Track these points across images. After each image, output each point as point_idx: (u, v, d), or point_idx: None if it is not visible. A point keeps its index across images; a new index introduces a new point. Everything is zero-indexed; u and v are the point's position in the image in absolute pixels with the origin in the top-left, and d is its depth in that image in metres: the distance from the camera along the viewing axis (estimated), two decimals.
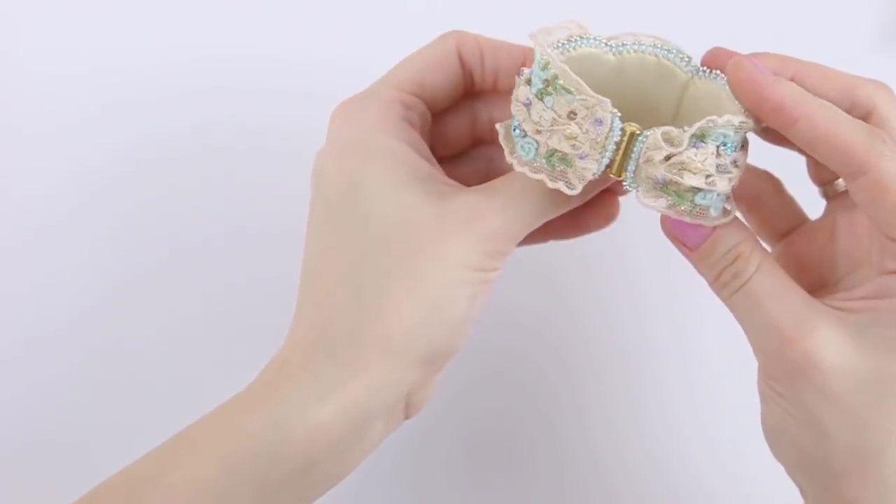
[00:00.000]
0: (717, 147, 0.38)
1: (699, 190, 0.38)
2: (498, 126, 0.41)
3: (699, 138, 0.38)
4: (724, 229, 0.40)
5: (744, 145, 0.40)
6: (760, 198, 0.49)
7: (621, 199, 0.46)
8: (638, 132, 0.38)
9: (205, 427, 0.39)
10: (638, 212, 0.41)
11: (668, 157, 0.38)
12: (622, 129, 0.38)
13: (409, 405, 0.42)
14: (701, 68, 0.41)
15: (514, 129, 0.40)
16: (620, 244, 0.58)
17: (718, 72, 0.40)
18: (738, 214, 0.41)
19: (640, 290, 0.58)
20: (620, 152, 0.38)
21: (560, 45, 0.40)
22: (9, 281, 0.56)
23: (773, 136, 0.44)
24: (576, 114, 0.38)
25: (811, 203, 0.47)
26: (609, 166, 0.38)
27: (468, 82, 0.45)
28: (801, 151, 0.45)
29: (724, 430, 0.58)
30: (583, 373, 0.59)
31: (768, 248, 0.46)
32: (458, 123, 0.48)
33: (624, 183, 0.39)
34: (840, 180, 0.45)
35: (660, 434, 0.58)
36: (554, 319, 0.58)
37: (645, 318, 0.59)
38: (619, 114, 0.37)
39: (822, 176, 0.46)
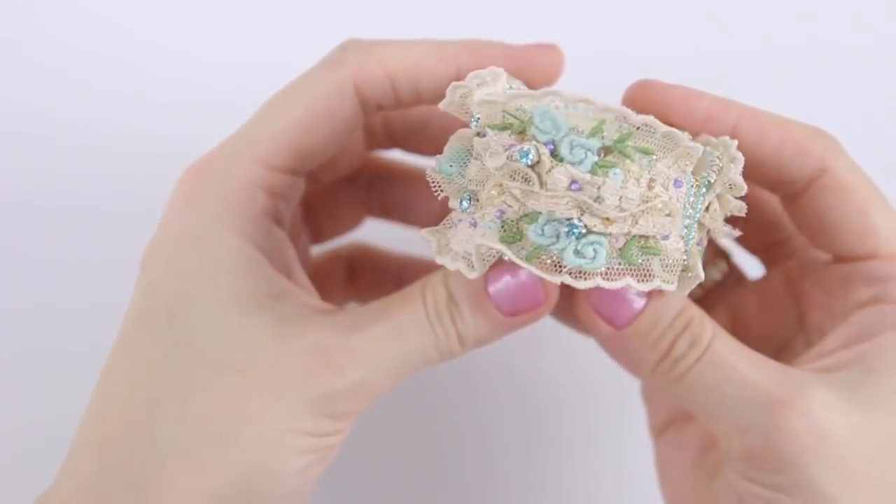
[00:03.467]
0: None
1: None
2: (441, 258, 0.30)
3: None
4: (663, 294, 0.32)
5: None
6: None
7: None
8: (698, 179, 0.31)
9: None
10: None
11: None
12: (693, 183, 0.30)
13: None
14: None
15: (563, 232, 0.28)
16: None
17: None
18: None
19: None
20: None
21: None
22: None
23: None
24: (655, 180, 0.29)
25: None
26: None
27: (370, 112, 0.35)
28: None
29: None
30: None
31: None
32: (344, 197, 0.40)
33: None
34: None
35: None
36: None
37: None
38: None
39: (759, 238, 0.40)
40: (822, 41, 0.51)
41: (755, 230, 0.39)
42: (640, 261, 0.29)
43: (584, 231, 0.28)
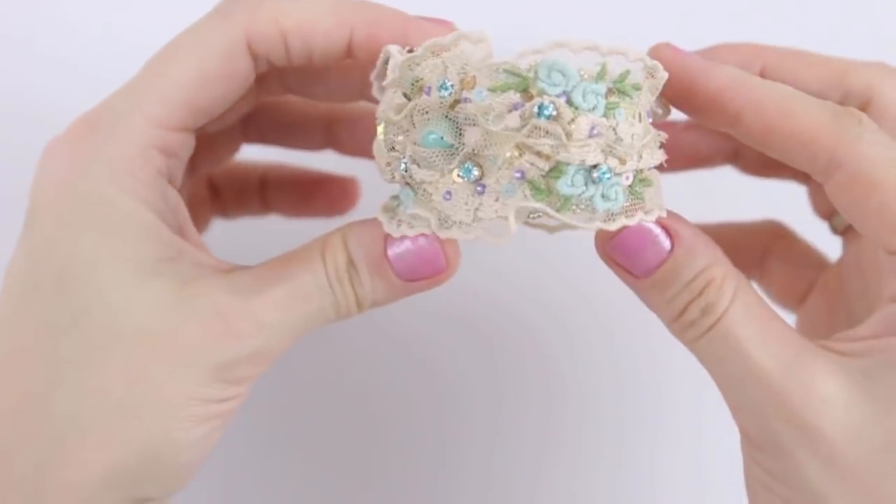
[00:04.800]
0: None
1: None
2: (447, 232, 0.30)
3: None
4: (687, 249, 0.30)
5: None
6: (769, 258, 0.40)
7: None
8: None
9: None
10: None
11: None
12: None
13: None
14: None
15: (592, 179, 0.29)
16: None
17: None
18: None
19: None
20: None
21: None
22: None
23: (751, 164, 0.39)
24: (641, 113, 0.29)
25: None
26: None
27: (260, 68, 0.34)
28: (798, 178, 0.39)
29: None
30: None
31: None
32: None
33: None
34: None
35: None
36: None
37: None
38: None
39: (824, 205, 0.39)
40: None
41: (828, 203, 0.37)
42: (642, 194, 0.30)
43: (608, 173, 0.28)
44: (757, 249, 0.41)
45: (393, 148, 0.30)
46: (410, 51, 0.31)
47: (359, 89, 0.38)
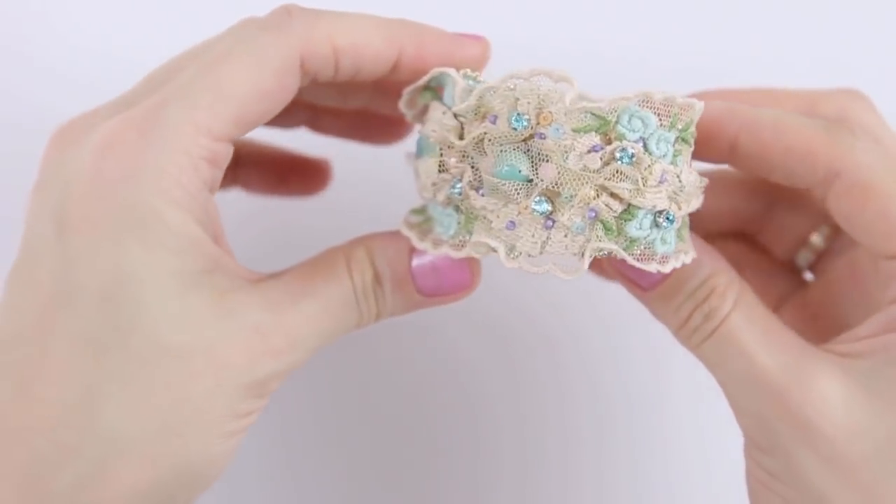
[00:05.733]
0: None
1: None
2: (515, 263, 0.30)
3: None
4: (692, 259, 0.32)
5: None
6: (743, 269, 0.41)
7: None
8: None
9: None
10: None
11: None
12: None
13: None
14: None
15: (659, 223, 0.30)
16: None
17: None
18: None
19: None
20: None
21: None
22: None
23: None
24: (690, 161, 0.31)
25: None
26: None
27: (304, 83, 0.34)
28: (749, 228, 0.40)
29: None
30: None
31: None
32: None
33: None
34: (813, 237, 0.38)
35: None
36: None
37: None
38: None
39: (786, 243, 0.40)
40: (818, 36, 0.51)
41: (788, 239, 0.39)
42: (683, 236, 0.31)
43: (670, 220, 0.29)
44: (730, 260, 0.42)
45: (445, 170, 0.30)
46: (459, 71, 0.31)
47: (369, 97, 0.38)
